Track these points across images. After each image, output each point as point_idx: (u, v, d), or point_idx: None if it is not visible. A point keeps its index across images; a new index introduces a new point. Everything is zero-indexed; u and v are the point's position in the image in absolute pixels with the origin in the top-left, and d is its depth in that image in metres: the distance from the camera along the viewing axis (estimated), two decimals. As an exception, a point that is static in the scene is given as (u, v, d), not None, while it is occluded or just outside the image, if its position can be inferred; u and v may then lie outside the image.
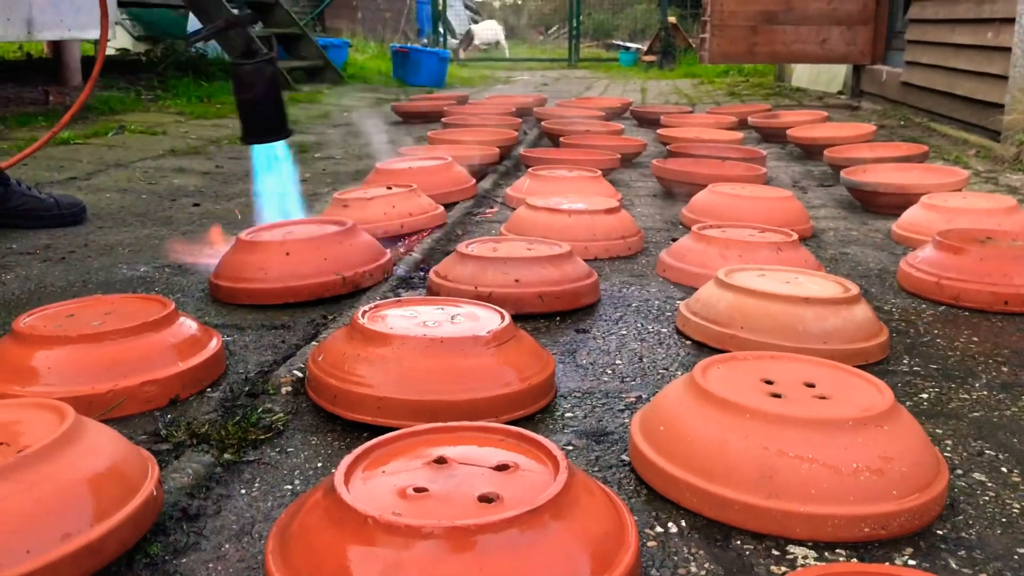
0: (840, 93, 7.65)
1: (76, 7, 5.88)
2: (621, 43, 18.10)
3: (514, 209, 2.86)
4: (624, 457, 1.32)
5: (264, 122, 2.48)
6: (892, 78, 6.33)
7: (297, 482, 1.25)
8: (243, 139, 2.55)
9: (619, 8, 24.79)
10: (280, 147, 2.59)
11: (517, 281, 1.98)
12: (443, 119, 5.09)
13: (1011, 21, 4.25)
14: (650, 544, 1.10)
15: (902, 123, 5.54)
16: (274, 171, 2.62)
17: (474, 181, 3.31)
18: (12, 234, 2.68)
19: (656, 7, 18.14)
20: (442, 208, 2.81)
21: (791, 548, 1.10)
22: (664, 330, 1.91)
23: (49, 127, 4.69)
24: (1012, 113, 4.22)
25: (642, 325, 1.95)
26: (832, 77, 7.98)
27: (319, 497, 1.01)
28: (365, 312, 1.55)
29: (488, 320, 1.55)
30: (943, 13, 5.29)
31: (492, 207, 3.09)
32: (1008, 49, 4.27)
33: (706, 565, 1.06)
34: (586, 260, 2.36)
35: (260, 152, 2.60)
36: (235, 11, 2.51)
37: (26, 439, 1.05)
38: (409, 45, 11.03)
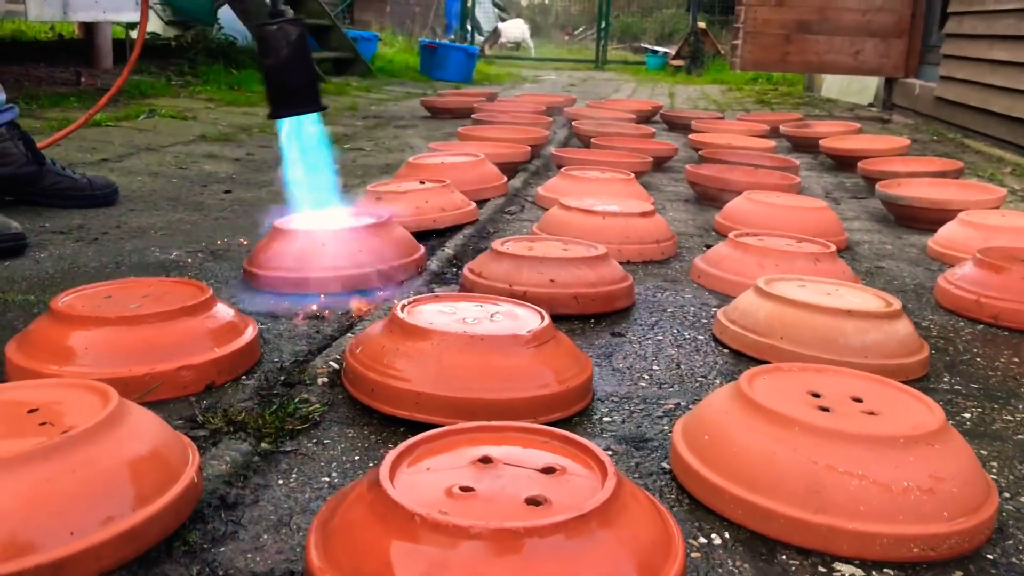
0: (871, 105, 7.59)
1: (111, -11, 5.91)
2: (649, 46, 18.04)
3: (545, 209, 2.84)
4: (664, 464, 1.31)
5: (291, 91, 2.21)
6: (925, 92, 6.27)
7: (335, 475, 1.24)
8: (270, 113, 2.30)
9: (647, 11, 24.73)
10: (312, 122, 2.33)
11: (552, 281, 1.96)
12: (473, 115, 5.08)
13: (1053, 39, 4.20)
14: (694, 555, 1.09)
15: (935, 138, 5.48)
16: (306, 150, 2.36)
17: (505, 179, 3.29)
18: (46, 213, 2.68)
19: (685, 12, 18.07)
20: (474, 204, 2.79)
21: (837, 565, 1.08)
22: (700, 337, 1.89)
23: (82, 108, 4.72)
24: (1050, 132, 4.16)
25: (678, 331, 1.93)
26: (863, 88, 7.92)
27: (363, 491, 0.99)
28: (404, 306, 1.54)
29: (528, 319, 1.54)
30: (981, 29, 5.24)
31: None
32: (1048, 67, 4.22)
33: (751, 579, 1.05)
34: (619, 263, 2.34)
35: (290, 128, 2.34)
36: None
37: (70, 419, 1.05)
38: (437, 40, 11.03)
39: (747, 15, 6.83)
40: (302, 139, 2.29)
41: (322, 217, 2.18)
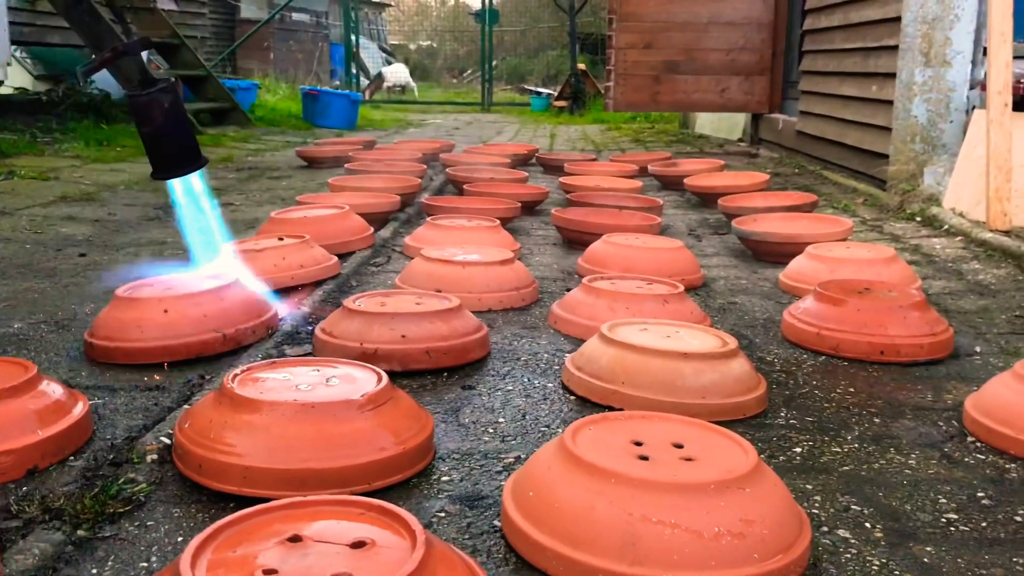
0: (740, 140, 7.89)
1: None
2: (534, 88, 18.36)
3: (412, 259, 2.85)
4: (496, 523, 1.31)
5: (170, 154, 2.33)
6: (788, 127, 6.55)
7: (154, 559, 1.20)
8: (152, 174, 2.39)
9: (533, 53, 25.19)
10: (195, 178, 2.41)
11: (404, 337, 1.96)
12: (347, 165, 5.06)
13: (893, 76, 4.45)
14: (513, 616, 1.09)
15: (796, 171, 5.73)
16: (190, 205, 2.43)
17: (372, 230, 3.29)
18: None
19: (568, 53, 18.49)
20: (335, 259, 2.78)
21: (654, 615, 1.10)
22: (550, 385, 1.92)
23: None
24: (896, 163, 4.40)
25: (529, 380, 1.95)
26: (733, 125, 8.23)
27: (164, 581, 0.97)
28: (236, 376, 1.51)
29: (364, 382, 1.53)
30: (832, 66, 5.52)
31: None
32: (891, 102, 4.47)
33: (568, 637, 1.05)
34: (480, 312, 2.36)
35: (174, 186, 2.42)
36: (124, 39, 2.37)
37: None
38: (319, 87, 10.98)
39: (617, 58, 7.04)
40: (185, 191, 2.38)
41: (166, 283, 2.12)
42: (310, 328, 2.23)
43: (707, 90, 7.06)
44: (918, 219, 4.00)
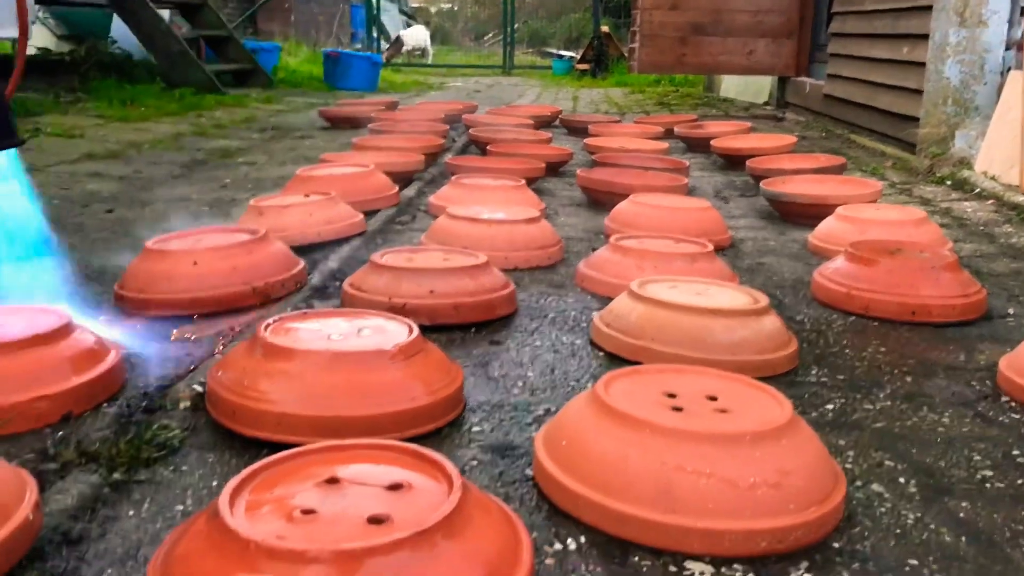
0: (766, 104, 7.79)
1: (-10, 5, 5.68)
2: (555, 51, 18.20)
3: (436, 218, 2.84)
4: (528, 472, 1.31)
5: None
6: (815, 90, 6.46)
7: (189, 502, 1.21)
8: None
9: (555, 16, 24.95)
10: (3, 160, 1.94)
11: (432, 292, 1.95)
12: (370, 125, 5.04)
13: (925, 37, 4.37)
14: (548, 562, 1.09)
15: (824, 134, 5.66)
16: None
17: (397, 189, 3.27)
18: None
19: (591, 16, 18.30)
20: (361, 216, 2.77)
21: (688, 564, 1.10)
22: (578, 341, 1.91)
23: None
24: (926, 126, 4.34)
25: (556, 336, 1.94)
26: (759, 88, 8.12)
27: (203, 521, 0.97)
28: (268, 325, 1.52)
29: (395, 333, 1.53)
30: (862, 27, 5.42)
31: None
32: (923, 64, 4.39)
33: (602, 583, 1.06)
34: (506, 270, 2.35)
35: None
36: None
37: None
38: (340, 49, 10.93)
39: (643, 18, 6.95)
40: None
41: (195, 236, 2.13)
42: (338, 284, 2.23)
43: (734, 52, 6.96)
44: (948, 183, 3.94)
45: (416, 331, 1.53)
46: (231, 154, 4.60)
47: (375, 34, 16.06)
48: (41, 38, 9.46)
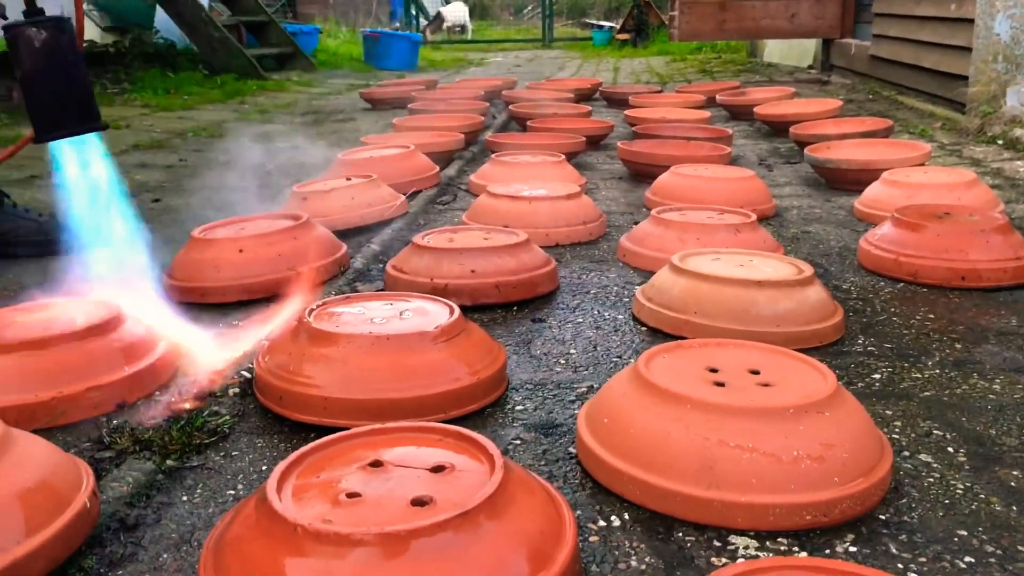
0: (811, 67, 7.64)
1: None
2: (595, 22, 18.02)
3: (477, 197, 2.84)
4: (571, 450, 1.32)
5: (45, 106, 1.83)
6: (860, 51, 6.32)
7: (240, 487, 1.24)
8: (34, 136, 1.90)
9: (593, -14, 24.68)
10: (87, 145, 1.89)
11: (473, 272, 1.96)
12: (409, 105, 5.05)
13: (974, -8, 4.25)
14: (592, 539, 1.10)
15: (871, 97, 5.54)
16: (77, 180, 1.90)
17: (437, 169, 3.28)
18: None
19: (629, -15, 18.06)
20: (403, 198, 2.78)
21: (732, 538, 1.10)
22: (620, 317, 1.91)
23: (14, 124, 4.63)
24: (976, 85, 4.22)
25: (599, 312, 1.94)
26: (803, 52, 7.97)
27: (252, 506, 1.00)
28: (312, 311, 1.54)
29: (437, 315, 1.54)
30: (909, -15, 5.28)
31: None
32: (971, 21, 4.27)
33: (647, 559, 1.06)
34: (548, 247, 2.35)
35: (61, 152, 1.90)
36: None
37: (-48, 455, 1.04)
38: (379, 29, 10.95)
39: (682, -15, 6.84)
40: (73, 161, 1.85)
41: (239, 224, 2.16)
42: (381, 266, 2.25)
43: (776, 16, 6.83)
44: (1000, 142, 3.84)
45: (457, 312, 1.54)
46: (274, 139, 4.64)
47: (413, 12, 16.05)
48: (86, 30, 9.62)
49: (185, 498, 1.20)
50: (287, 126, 5.18)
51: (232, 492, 1.22)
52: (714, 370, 1.29)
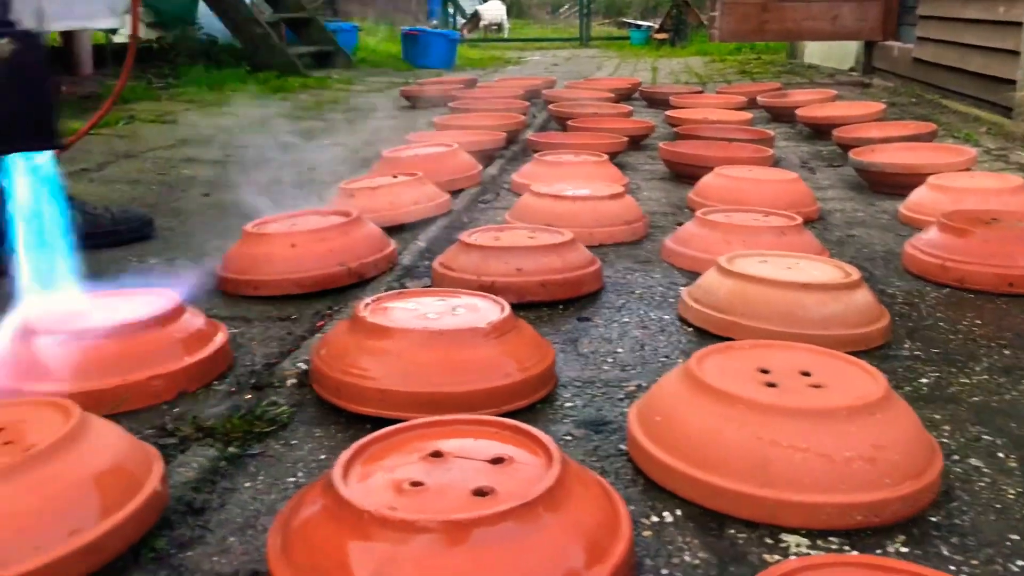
0: (852, 70, 7.59)
1: (85, -4, 5.90)
2: (632, 21, 17.98)
3: (520, 196, 2.87)
4: (622, 447, 1.34)
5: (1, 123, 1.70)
6: (904, 54, 6.27)
7: (300, 474, 1.27)
8: None
9: (631, -15, 24.61)
10: (38, 164, 1.74)
11: (519, 270, 1.99)
12: (450, 104, 5.09)
13: (1022, -4, 4.21)
14: (645, 534, 1.12)
15: (913, 100, 5.49)
16: (24, 202, 1.71)
17: (480, 168, 3.31)
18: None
19: (667, -16, 18.00)
20: (448, 196, 2.82)
21: (784, 536, 1.12)
22: (666, 317, 1.93)
23: (66, 117, 4.73)
24: (1023, 89, 4.18)
25: (644, 312, 1.96)
26: (844, 54, 7.91)
27: (318, 492, 1.03)
28: (367, 305, 1.57)
29: (488, 311, 1.57)
30: (955, -12, 5.24)
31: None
32: (1019, 24, 4.23)
33: (700, 554, 1.08)
34: (591, 246, 2.37)
35: (13, 168, 1.74)
36: None
37: (32, 437, 1.08)
38: (419, 27, 11.01)
39: (723, -14, 6.82)
40: (24, 180, 1.71)
41: (291, 219, 2.20)
42: (427, 263, 2.29)
43: (817, 17, 6.79)
44: (1047, 147, 3.80)
45: (507, 309, 1.56)
46: (316, 135, 4.70)
47: (451, 11, 16.12)
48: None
49: (248, 484, 1.24)
50: (329, 123, 5.24)
51: (293, 479, 1.26)
52: (765, 371, 1.31)
